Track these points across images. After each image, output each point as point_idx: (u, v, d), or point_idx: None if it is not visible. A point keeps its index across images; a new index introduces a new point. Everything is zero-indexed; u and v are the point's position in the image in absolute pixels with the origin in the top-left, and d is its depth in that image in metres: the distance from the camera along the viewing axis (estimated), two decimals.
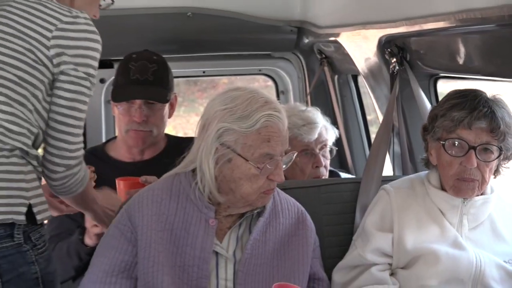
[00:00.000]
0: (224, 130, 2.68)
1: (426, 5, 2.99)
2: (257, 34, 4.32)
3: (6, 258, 2.44)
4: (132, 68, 3.48)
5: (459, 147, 2.88)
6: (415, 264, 2.94)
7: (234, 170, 2.70)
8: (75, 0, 2.82)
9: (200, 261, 2.74)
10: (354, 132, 4.35)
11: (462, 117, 2.84)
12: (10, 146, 2.48)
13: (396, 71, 3.55)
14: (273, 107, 2.68)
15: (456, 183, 2.90)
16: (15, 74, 2.52)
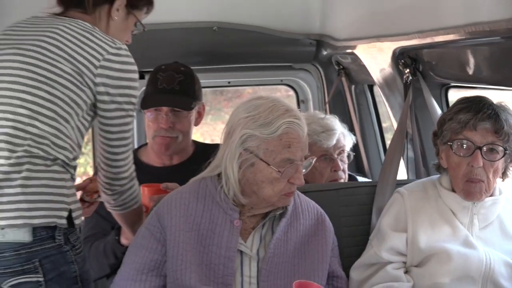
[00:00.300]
0: (247, 136, 2.69)
1: (437, 19, 2.98)
2: (279, 46, 4.33)
3: (48, 258, 2.49)
4: (160, 78, 3.50)
5: (465, 147, 2.88)
6: (428, 262, 2.93)
7: (256, 174, 2.71)
8: (110, 28, 2.87)
9: (225, 259, 2.74)
10: (370, 138, 4.34)
11: (467, 119, 2.85)
12: (53, 157, 2.54)
13: (409, 81, 3.55)
14: (293, 115, 2.68)
15: (465, 186, 2.90)
16: (64, 93, 2.57)
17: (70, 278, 2.57)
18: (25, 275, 2.48)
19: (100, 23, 2.84)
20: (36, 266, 2.47)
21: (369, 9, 3.66)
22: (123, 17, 2.91)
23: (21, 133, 2.51)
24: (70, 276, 2.57)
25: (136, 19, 2.97)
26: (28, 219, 2.46)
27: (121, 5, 2.86)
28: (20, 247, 2.46)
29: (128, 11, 2.91)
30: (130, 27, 2.98)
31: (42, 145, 2.52)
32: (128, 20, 2.95)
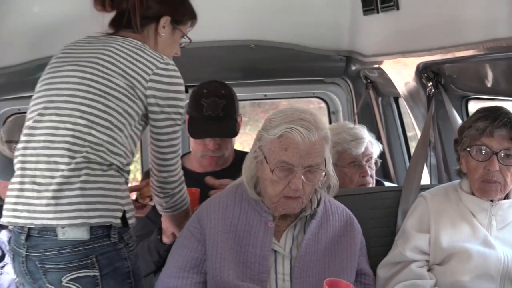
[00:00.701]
0: (261, 135, 2.76)
1: (458, 35, 2.97)
2: (311, 62, 4.32)
3: (104, 255, 2.55)
4: (205, 105, 3.49)
5: (484, 153, 2.88)
6: (450, 261, 2.91)
7: (262, 172, 2.74)
8: (158, 44, 2.91)
9: (260, 258, 2.75)
10: (396, 146, 4.32)
11: (485, 126, 2.86)
12: (109, 162, 2.59)
13: (432, 94, 3.53)
14: (302, 124, 2.66)
15: (481, 185, 2.91)
16: (118, 105, 2.63)
17: (123, 274, 2.62)
18: (83, 270, 2.53)
19: (149, 40, 2.87)
20: (93, 262, 2.53)
21: (394, 27, 3.65)
22: (169, 33, 2.94)
23: (80, 141, 2.56)
24: (124, 272, 2.62)
25: (182, 33, 2.99)
26: (86, 219, 2.51)
27: (166, 22, 2.89)
28: (78, 244, 2.52)
29: (173, 27, 2.93)
30: (177, 41, 3.01)
31: (99, 152, 2.57)
32: (174, 35, 2.97)
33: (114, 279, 2.59)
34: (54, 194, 2.50)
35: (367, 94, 4.33)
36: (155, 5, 2.87)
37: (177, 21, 2.94)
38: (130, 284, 2.64)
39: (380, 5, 3.69)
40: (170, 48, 2.98)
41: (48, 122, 2.61)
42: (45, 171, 2.55)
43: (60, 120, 2.59)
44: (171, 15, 2.91)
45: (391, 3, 3.58)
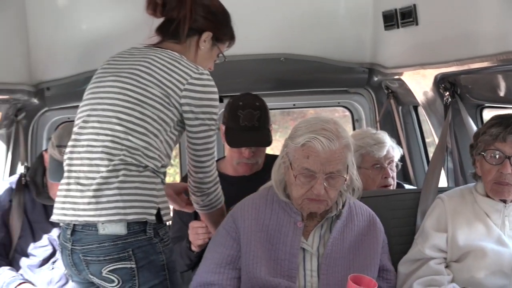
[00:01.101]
0: (287, 143, 2.79)
1: (473, 48, 2.96)
2: (336, 74, 4.32)
3: (140, 248, 2.58)
4: (241, 116, 3.49)
5: (497, 157, 2.87)
6: (466, 259, 2.90)
7: (289, 176, 2.77)
8: (197, 56, 2.93)
9: (290, 255, 2.76)
10: (415, 151, 4.29)
11: (498, 132, 2.85)
12: (144, 165, 2.62)
13: (449, 103, 3.51)
14: (323, 134, 2.67)
15: (494, 186, 2.90)
16: (153, 113, 2.65)
17: (158, 266, 2.64)
18: (121, 262, 2.58)
19: (189, 51, 2.89)
20: (130, 255, 2.57)
21: (414, 41, 3.64)
22: (208, 48, 2.95)
23: (118, 145, 2.61)
24: (158, 264, 2.64)
25: (219, 51, 3.01)
26: (123, 215, 2.55)
27: (207, 37, 2.91)
28: (117, 239, 2.56)
29: (213, 43, 2.95)
30: (213, 56, 3.02)
31: (135, 155, 2.61)
32: (212, 51, 2.98)
33: (149, 271, 2.62)
34: (94, 194, 2.56)
35: (388, 103, 4.31)
36: (202, 19, 2.89)
37: (217, 38, 2.96)
38: (165, 276, 2.67)
39: (400, 21, 3.69)
40: (206, 61, 2.99)
41: (91, 128, 2.67)
42: (87, 172, 2.61)
43: (100, 127, 2.65)
44: (213, 32, 2.92)
45: (410, 19, 3.58)
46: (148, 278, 2.62)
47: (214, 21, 2.93)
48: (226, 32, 3.01)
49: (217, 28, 2.94)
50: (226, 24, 3.00)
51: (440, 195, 3.16)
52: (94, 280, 2.65)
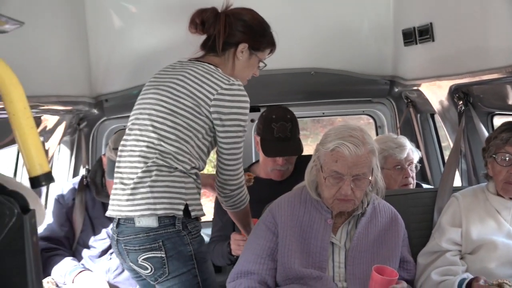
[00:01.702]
0: (318, 148, 2.80)
1: (484, 61, 2.93)
2: (361, 85, 4.31)
3: (169, 240, 2.63)
4: (275, 128, 3.52)
5: (506, 159, 2.86)
6: (479, 251, 2.89)
7: (320, 178, 2.78)
8: (235, 66, 2.91)
9: (321, 249, 2.78)
10: (432, 154, 4.26)
11: (508, 137, 2.84)
12: (175, 167, 2.66)
13: (462, 110, 3.48)
14: (351, 141, 2.69)
15: (504, 186, 2.88)
16: (184, 122, 2.69)
17: (186, 256, 2.66)
18: (153, 251, 2.64)
19: (228, 62, 2.89)
20: (160, 245, 2.62)
21: (430, 55, 3.62)
22: (246, 57, 2.92)
23: (152, 150, 2.68)
24: (186, 255, 2.66)
25: (258, 59, 2.97)
26: (154, 210, 2.62)
27: (244, 48, 2.88)
28: (149, 231, 2.63)
29: (250, 52, 2.92)
30: (253, 64, 2.97)
31: (166, 159, 2.66)
32: (251, 60, 2.94)
33: (178, 260, 2.65)
34: (132, 192, 2.65)
35: (407, 111, 4.29)
36: (237, 33, 2.87)
37: (254, 48, 2.92)
38: (193, 265, 2.67)
39: (418, 37, 3.67)
40: (247, 70, 2.97)
41: (133, 135, 2.76)
42: (128, 174, 2.71)
43: (140, 134, 2.74)
44: (249, 43, 2.89)
45: (427, 36, 3.56)
46: (177, 266, 2.65)
47: (249, 33, 2.89)
48: (262, 41, 2.95)
49: (252, 39, 2.90)
50: (262, 34, 2.95)
51: (454, 193, 3.14)
52: (134, 267, 2.73)
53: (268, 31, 2.98)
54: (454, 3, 3.23)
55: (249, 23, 2.91)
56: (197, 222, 2.76)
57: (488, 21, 2.86)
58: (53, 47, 3.37)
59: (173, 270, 2.66)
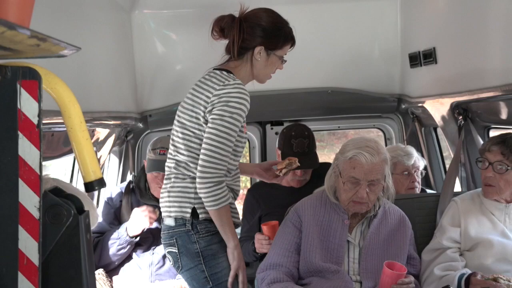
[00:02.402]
0: (337, 157, 2.81)
1: (481, 81, 2.91)
2: (372, 103, 4.29)
3: (180, 238, 2.64)
4: (294, 144, 3.49)
5: (483, 163, 2.87)
6: (476, 248, 2.86)
7: (338, 183, 2.79)
8: (254, 67, 2.71)
9: (338, 246, 2.79)
10: (435, 163, 4.22)
11: (490, 145, 2.85)
12: (187, 174, 2.64)
13: (462, 125, 3.46)
14: (366, 150, 2.71)
15: (483, 188, 2.90)
16: (191, 131, 2.64)
17: (193, 253, 2.64)
18: (170, 246, 2.68)
19: (247, 64, 2.69)
20: (174, 242, 2.66)
21: (433, 76, 3.61)
22: (265, 58, 2.69)
23: (171, 160, 2.71)
24: (193, 252, 2.64)
25: (277, 57, 2.72)
26: (169, 212, 2.67)
27: (260, 50, 2.66)
28: (169, 229, 2.68)
29: (268, 53, 2.68)
30: (273, 62, 2.72)
31: (180, 167, 2.65)
32: (269, 59, 2.70)
33: (187, 256, 2.65)
34: (161, 196, 2.74)
35: (413, 125, 4.26)
36: (250, 38, 2.65)
37: (270, 48, 2.68)
38: (199, 261, 2.63)
39: (423, 60, 3.67)
40: (267, 69, 2.74)
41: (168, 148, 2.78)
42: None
43: (169, 147, 2.76)
44: (264, 45, 2.66)
45: (431, 59, 3.56)
46: (186, 262, 2.65)
47: (263, 36, 2.66)
48: (278, 41, 2.69)
49: (267, 41, 2.67)
50: (276, 34, 2.69)
51: (454, 198, 3.12)
52: None
53: (283, 29, 2.72)
54: (455, 30, 3.22)
55: (263, 26, 2.67)
56: (208, 223, 2.64)
57: (485, 46, 2.84)
58: (105, 69, 3.41)
59: (184, 265, 2.66)
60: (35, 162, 1.47)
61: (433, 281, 2.83)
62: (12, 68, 1.47)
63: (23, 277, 1.48)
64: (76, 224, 1.56)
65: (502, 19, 2.65)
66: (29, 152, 1.47)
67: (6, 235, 1.47)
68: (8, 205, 1.46)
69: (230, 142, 2.57)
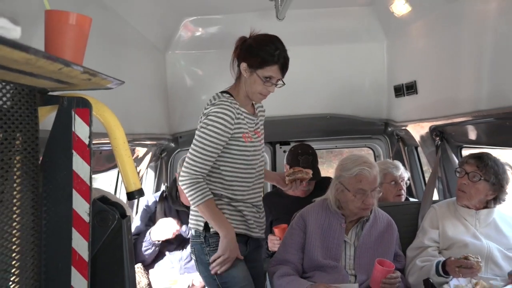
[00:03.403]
0: (339, 175, 2.75)
1: (454, 108, 2.90)
2: (363, 126, 4.27)
3: (195, 248, 2.51)
4: (300, 160, 3.46)
5: (461, 172, 2.84)
6: (452, 248, 2.81)
7: (344, 197, 2.73)
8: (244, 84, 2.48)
9: (336, 245, 2.77)
10: (416, 176, 4.18)
11: (467, 158, 2.85)
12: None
13: (439, 145, 3.41)
14: (366, 165, 2.70)
15: (457, 193, 2.86)
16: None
17: (205, 264, 2.49)
18: (192, 254, 2.55)
19: (241, 81, 2.48)
20: (193, 251, 2.53)
21: (414, 104, 3.60)
22: (249, 75, 2.41)
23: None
24: (205, 262, 2.49)
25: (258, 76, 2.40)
26: (191, 224, 2.54)
27: (245, 68, 2.41)
28: (192, 238, 2.55)
29: (251, 70, 2.40)
30: (256, 81, 2.40)
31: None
32: (252, 77, 2.42)
33: (201, 265, 2.51)
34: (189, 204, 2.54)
35: (398, 145, 4.24)
36: (240, 55, 2.44)
37: (250, 65, 2.40)
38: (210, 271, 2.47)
39: (405, 91, 3.67)
40: (252, 86, 2.44)
41: None
42: None
43: None
44: (246, 62, 2.40)
45: (412, 90, 3.55)
46: (201, 269, 2.53)
47: (246, 53, 2.41)
48: (256, 60, 2.38)
49: (248, 58, 2.40)
50: (257, 53, 2.38)
51: (433, 204, 3.07)
52: None
53: (264, 49, 2.38)
54: (432, 66, 3.22)
55: (248, 43, 2.42)
56: (218, 236, 2.45)
57: (458, 79, 2.83)
58: (143, 99, 3.43)
59: (200, 271, 2.55)
60: (86, 176, 1.47)
61: (415, 271, 2.78)
62: (68, 98, 1.48)
63: (75, 271, 1.47)
64: (120, 227, 1.55)
65: (471, 56, 2.64)
66: (81, 167, 1.47)
67: (62, 236, 1.47)
68: (64, 211, 1.47)
69: (204, 151, 2.38)
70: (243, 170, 2.53)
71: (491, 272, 2.69)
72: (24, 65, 1.09)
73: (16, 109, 1.35)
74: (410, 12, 3.33)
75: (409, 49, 3.59)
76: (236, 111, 2.43)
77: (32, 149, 1.43)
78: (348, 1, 3.65)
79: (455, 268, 2.55)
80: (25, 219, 1.39)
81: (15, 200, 1.35)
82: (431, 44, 3.20)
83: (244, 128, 2.49)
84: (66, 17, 1.34)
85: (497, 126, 2.62)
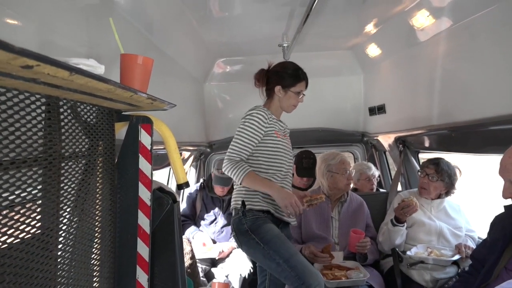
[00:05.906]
0: (327, 164, 2.76)
1: (413, 124, 2.86)
2: (346, 136, 4.23)
3: (235, 223, 2.22)
4: (303, 161, 3.40)
5: (422, 173, 2.76)
6: (413, 226, 2.74)
7: (334, 179, 2.73)
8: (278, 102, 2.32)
9: (326, 220, 2.75)
10: (385, 173, 4.12)
11: (427, 163, 2.76)
12: None
13: (402, 150, 3.36)
14: (339, 155, 2.79)
15: (420, 190, 2.78)
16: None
17: (244, 231, 2.20)
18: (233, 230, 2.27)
19: (274, 100, 2.30)
20: (233, 228, 2.25)
21: (384, 121, 3.55)
22: (283, 94, 2.27)
23: None
24: (244, 230, 2.20)
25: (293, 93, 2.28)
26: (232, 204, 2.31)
27: (278, 89, 2.28)
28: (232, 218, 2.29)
29: (284, 90, 2.27)
30: (291, 96, 2.27)
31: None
32: (287, 94, 2.28)
33: (241, 235, 2.21)
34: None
35: (371, 150, 4.19)
36: (270, 81, 2.30)
37: (285, 86, 2.27)
38: (249, 234, 2.18)
39: (377, 111, 3.63)
40: (288, 101, 2.29)
41: None
42: None
43: None
44: (280, 84, 2.27)
45: (382, 110, 3.51)
46: (241, 238, 2.22)
47: (279, 79, 2.28)
48: (290, 81, 2.27)
49: (281, 81, 2.27)
50: (290, 76, 2.27)
51: (399, 193, 2.99)
52: None
53: (290, 72, 2.28)
54: (397, 93, 3.18)
55: (279, 72, 2.28)
56: (255, 211, 2.21)
57: (416, 102, 2.80)
58: (188, 116, 3.44)
59: (241, 241, 2.23)
60: (148, 172, 1.48)
61: (383, 233, 2.74)
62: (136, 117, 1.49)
63: (140, 241, 1.47)
64: (172, 209, 1.55)
65: (426, 85, 2.60)
66: (145, 166, 1.48)
67: (131, 216, 1.47)
68: (132, 198, 1.47)
69: (241, 141, 2.19)
70: (277, 160, 2.25)
71: (442, 244, 2.63)
72: (106, 93, 1.10)
73: (99, 124, 1.36)
74: (381, 54, 3.31)
75: (380, 80, 3.56)
76: (268, 115, 2.27)
77: (110, 153, 1.44)
78: (335, 46, 3.63)
79: (401, 212, 2.53)
80: (105, 203, 1.40)
81: (98, 190, 1.35)
82: (396, 76, 3.17)
83: (276, 128, 2.29)
84: (135, 58, 1.35)
85: (445, 136, 2.58)
